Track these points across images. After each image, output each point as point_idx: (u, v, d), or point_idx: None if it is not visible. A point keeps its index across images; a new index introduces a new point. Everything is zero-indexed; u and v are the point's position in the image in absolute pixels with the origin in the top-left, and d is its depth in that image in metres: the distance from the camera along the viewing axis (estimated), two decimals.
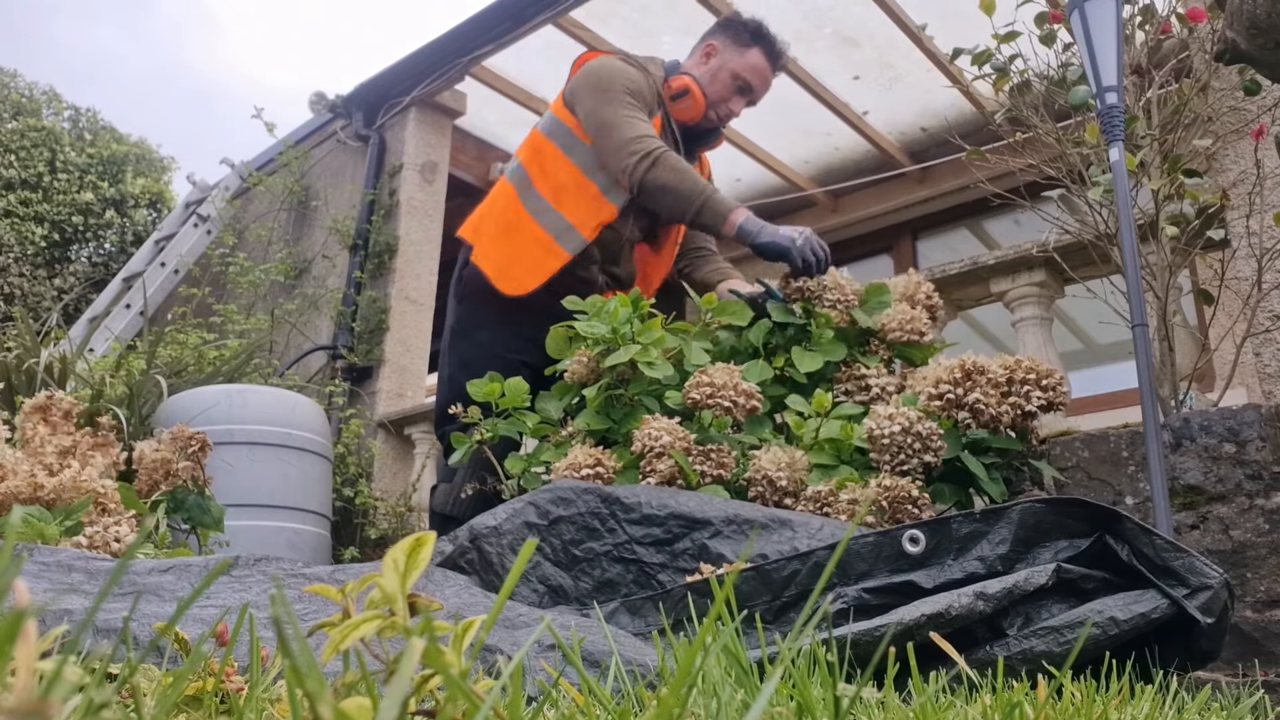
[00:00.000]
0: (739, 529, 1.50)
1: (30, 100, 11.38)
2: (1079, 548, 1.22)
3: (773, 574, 1.37)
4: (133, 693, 0.42)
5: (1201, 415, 1.96)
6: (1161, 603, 1.07)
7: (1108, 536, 1.18)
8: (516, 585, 0.91)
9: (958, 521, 1.31)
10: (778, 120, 5.48)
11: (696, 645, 0.31)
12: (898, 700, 0.59)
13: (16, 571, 0.25)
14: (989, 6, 2.98)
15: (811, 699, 0.43)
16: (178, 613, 0.33)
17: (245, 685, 0.48)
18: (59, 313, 6.71)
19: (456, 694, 0.31)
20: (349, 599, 0.46)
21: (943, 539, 1.31)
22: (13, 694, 0.21)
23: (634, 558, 1.47)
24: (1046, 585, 1.07)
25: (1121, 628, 1.04)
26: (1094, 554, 1.20)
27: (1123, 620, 1.04)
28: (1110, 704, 0.66)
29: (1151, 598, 1.08)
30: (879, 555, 1.32)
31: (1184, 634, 1.08)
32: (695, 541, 1.50)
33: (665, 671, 0.56)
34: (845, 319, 2.32)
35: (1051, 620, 1.05)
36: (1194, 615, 1.06)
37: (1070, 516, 1.25)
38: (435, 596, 1.14)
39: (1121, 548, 1.16)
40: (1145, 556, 1.12)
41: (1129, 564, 1.13)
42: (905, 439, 1.88)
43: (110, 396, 3.62)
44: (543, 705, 0.52)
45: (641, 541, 1.52)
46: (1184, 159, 2.73)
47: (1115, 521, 1.17)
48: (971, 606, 1.02)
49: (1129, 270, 1.97)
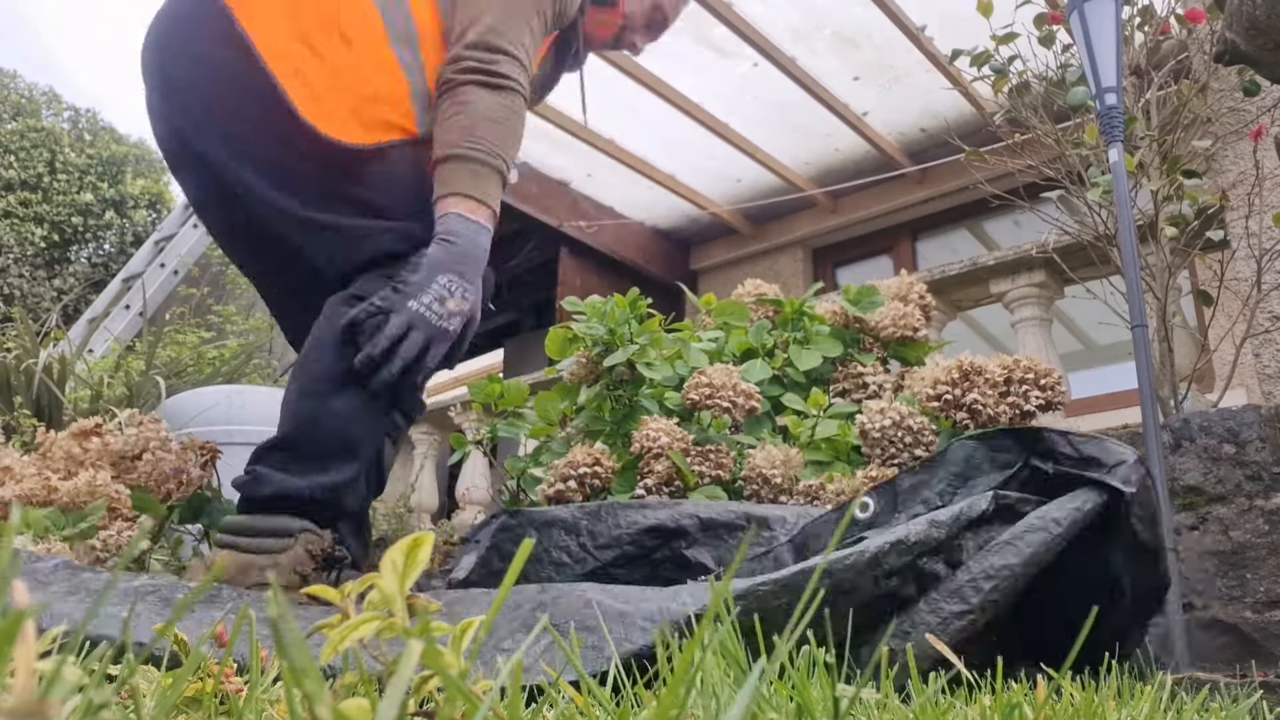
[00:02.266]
0: (716, 535, 1.51)
1: (30, 101, 11.37)
2: (1010, 476, 1.30)
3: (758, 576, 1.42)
4: (132, 693, 0.42)
5: (1201, 416, 1.96)
6: (1091, 495, 1.15)
7: (1034, 459, 1.26)
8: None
9: (901, 477, 1.39)
10: (778, 120, 5.48)
11: (693, 644, 0.31)
12: (897, 700, 0.59)
13: (16, 571, 0.25)
14: (986, 8, 2.99)
15: (811, 699, 0.43)
16: (176, 614, 0.33)
17: (244, 686, 0.48)
18: (58, 313, 6.71)
19: (455, 695, 0.31)
20: (348, 600, 0.46)
21: (889, 499, 1.39)
22: (12, 694, 0.21)
23: (611, 580, 1.47)
24: (988, 510, 1.14)
25: (1063, 525, 1.11)
26: (1025, 479, 1.28)
27: (1061, 518, 1.12)
28: (1109, 703, 0.66)
29: (1082, 494, 1.16)
30: (837, 527, 1.36)
31: (1118, 523, 1.16)
32: (674, 550, 1.52)
33: (664, 671, 0.56)
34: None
35: (1001, 536, 1.12)
36: (1117, 488, 1.14)
37: (999, 450, 1.33)
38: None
39: (1048, 465, 1.24)
40: (1068, 457, 1.22)
41: (1058, 476, 1.22)
42: (896, 433, 1.88)
43: (109, 397, 3.62)
44: (542, 705, 0.52)
45: (616, 564, 1.53)
46: (1183, 160, 2.73)
47: (1036, 440, 1.26)
48: (926, 533, 1.08)
49: (1128, 271, 1.97)
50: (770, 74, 5.02)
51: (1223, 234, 2.84)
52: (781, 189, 6.09)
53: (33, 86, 11.34)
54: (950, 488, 1.34)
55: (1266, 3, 1.48)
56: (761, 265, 6.60)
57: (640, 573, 1.50)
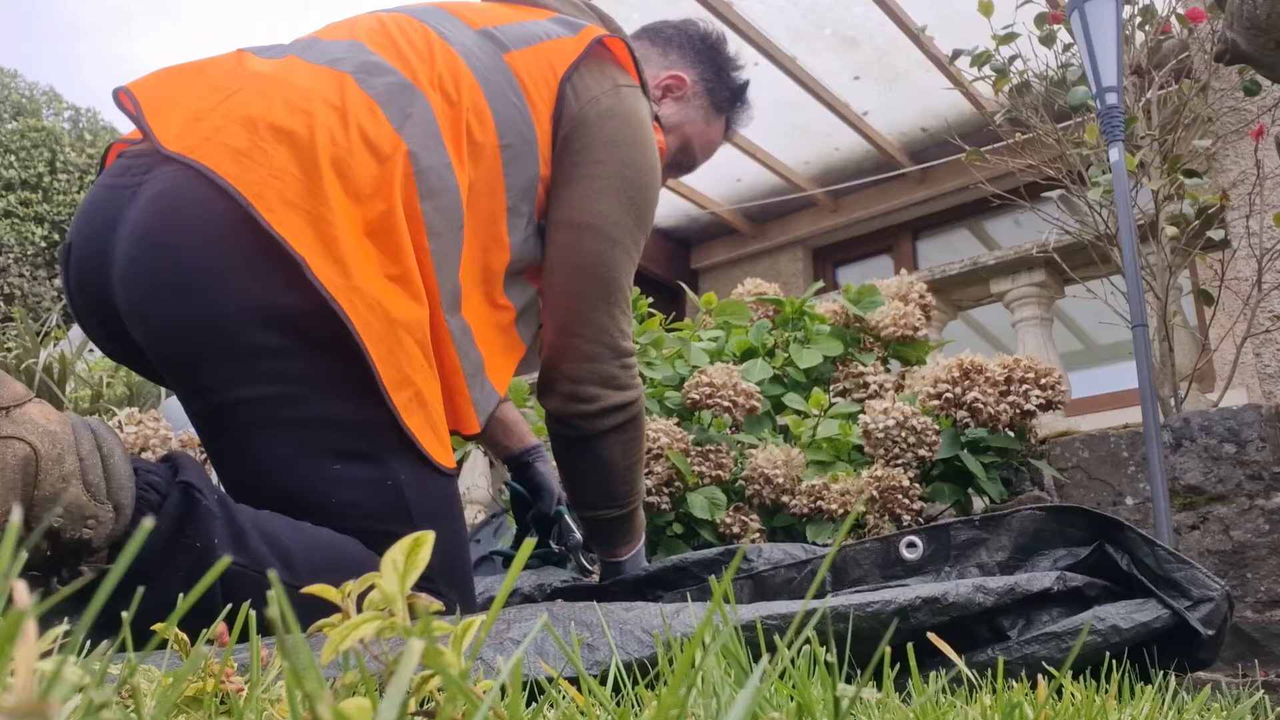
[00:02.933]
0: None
1: (30, 101, 11.38)
2: (1078, 556, 1.22)
3: (767, 580, 1.37)
4: (133, 693, 0.42)
5: (1201, 415, 1.96)
6: (1163, 613, 1.07)
7: (1107, 545, 1.18)
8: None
9: (956, 528, 1.30)
10: (778, 120, 5.47)
11: (694, 643, 0.31)
12: (898, 700, 0.59)
13: (16, 570, 0.25)
14: (987, 8, 2.99)
15: (811, 699, 0.43)
16: (177, 612, 0.33)
17: (245, 686, 0.48)
18: (59, 313, 6.71)
19: (456, 694, 0.31)
20: (348, 600, 0.46)
21: (940, 546, 1.30)
22: (12, 694, 0.21)
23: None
24: (1051, 590, 1.07)
25: (1123, 636, 1.04)
26: (1093, 562, 1.19)
27: (1125, 629, 1.04)
28: (1109, 703, 0.66)
29: (1153, 607, 1.07)
30: (874, 561, 1.32)
31: (1182, 641, 1.09)
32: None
33: (665, 671, 0.56)
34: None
35: (1053, 626, 1.05)
36: (1195, 628, 1.06)
37: (1070, 525, 1.24)
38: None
39: (1121, 557, 1.15)
40: (1146, 566, 1.12)
41: (1129, 573, 1.13)
42: (900, 433, 1.88)
43: (110, 397, 3.62)
44: (543, 705, 0.52)
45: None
46: (1184, 159, 2.73)
47: (1116, 530, 1.17)
48: (970, 597, 1.01)
49: (1129, 270, 1.97)
50: (770, 73, 5.01)
51: (1223, 233, 2.84)
52: (782, 188, 6.09)
53: (34, 86, 11.34)
54: (1012, 559, 1.25)
55: (1267, 2, 1.48)
56: (762, 265, 6.60)
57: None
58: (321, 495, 1.13)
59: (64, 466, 0.93)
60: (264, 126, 1.14)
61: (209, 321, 1.11)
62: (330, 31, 1.35)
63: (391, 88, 1.21)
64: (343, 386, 1.14)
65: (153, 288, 1.12)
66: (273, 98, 1.17)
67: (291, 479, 1.13)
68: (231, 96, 1.18)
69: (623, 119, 1.37)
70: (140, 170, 1.16)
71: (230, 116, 1.15)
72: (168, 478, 1.02)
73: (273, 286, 1.10)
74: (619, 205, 1.35)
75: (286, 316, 1.11)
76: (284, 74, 1.21)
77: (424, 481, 1.18)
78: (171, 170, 1.13)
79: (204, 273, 1.11)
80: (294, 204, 1.10)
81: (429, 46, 1.29)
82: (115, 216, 1.16)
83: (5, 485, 0.89)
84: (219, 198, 1.10)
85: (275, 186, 1.10)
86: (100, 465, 0.96)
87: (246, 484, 1.15)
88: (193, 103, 1.18)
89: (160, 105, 1.19)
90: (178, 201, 1.12)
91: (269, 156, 1.11)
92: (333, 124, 1.15)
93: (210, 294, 1.10)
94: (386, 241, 1.15)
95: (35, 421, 0.93)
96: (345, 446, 1.14)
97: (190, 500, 1.00)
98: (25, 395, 0.96)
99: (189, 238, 1.11)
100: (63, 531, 0.93)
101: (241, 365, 1.12)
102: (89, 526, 0.94)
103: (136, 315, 1.15)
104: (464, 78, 1.27)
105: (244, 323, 1.10)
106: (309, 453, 1.13)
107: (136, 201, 1.14)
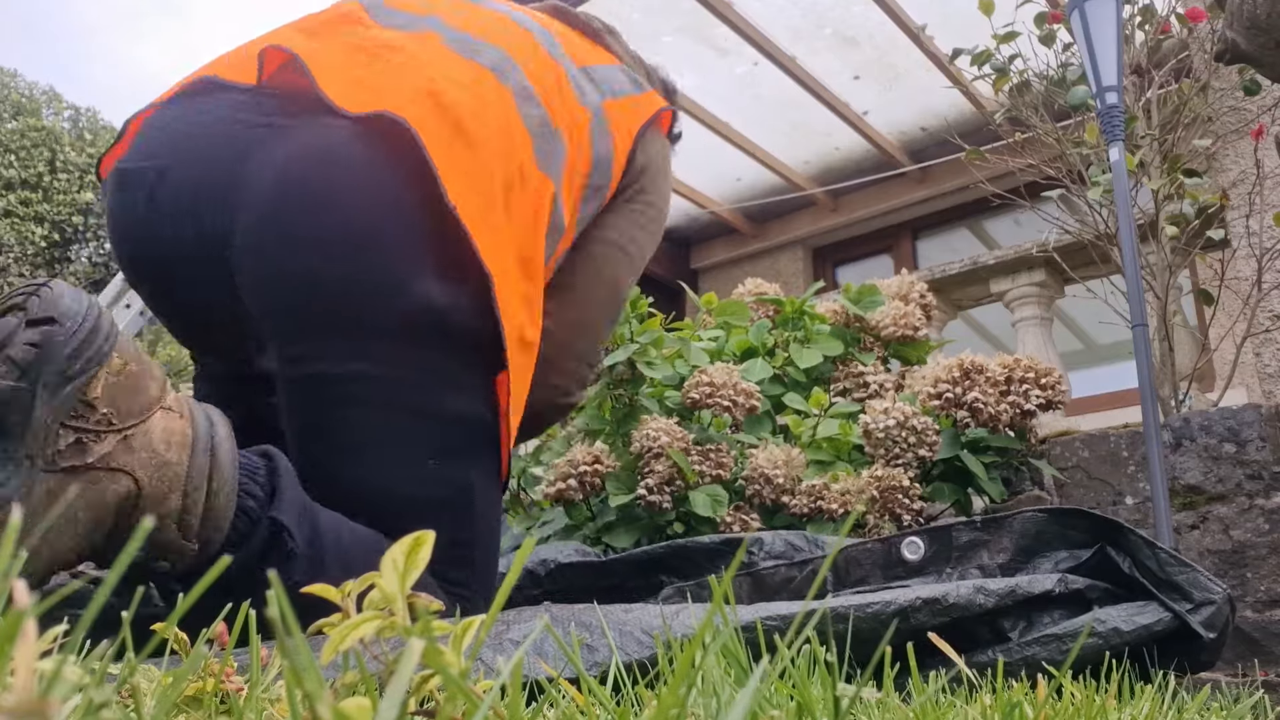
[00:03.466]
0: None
1: (30, 100, 11.38)
2: (1079, 558, 1.22)
3: (767, 578, 1.37)
4: (133, 693, 0.42)
5: (1201, 415, 1.96)
6: (1164, 616, 1.07)
7: (1109, 548, 1.18)
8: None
9: (958, 529, 1.30)
10: (778, 120, 5.48)
11: (694, 642, 0.31)
12: (898, 700, 0.59)
13: (16, 570, 0.25)
14: (987, 7, 2.99)
15: (811, 699, 0.43)
16: (177, 612, 0.33)
17: (245, 686, 0.48)
18: None
19: (456, 694, 0.31)
20: (349, 600, 0.46)
21: (941, 547, 1.30)
22: (12, 694, 0.21)
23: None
24: (1052, 592, 1.07)
25: (1124, 638, 1.04)
26: (1094, 564, 1.20)
27: (1126, 631, 1.04)
28: (1109, 702, 0.66)
29: (1154, 610, 1.07)
30: (875, 562, 1.32)
31: (1183, 643, 1.09)
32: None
33: (665, 671, 0.56)
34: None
35: (1054, 628, 1.05)
36: (1197, 630, 1.06)
37: (1072, 527, 1.24)
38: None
39: (1123, 559, 1.15)
40: (1148, 569, 1.12)
41: (1130, 575, 1.13)
42: (900, 433, 1.88)
43: None
44: (543, 705, 0.52)
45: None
46: (1184, 159, 2.73)
47: (1118, 533, 1.17)
48: (971, 599, 1.01)
49: (1129, 270, 1.97)
50: (770, 73, 5.02)
51: (1223, 233, 2.84)
52: (782, 188, 6.09)
53: (33, 85, 11.34)
54: (1013, 561, 1.26)
55: (1267, 2, 1.48)
56: (762, 264, 6.60)
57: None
58: (409, 486, 1.10)
59: (166, 506, 0.84)
60: (451, 124, 1.12)
61: (353, 288, 1.06)
62: (462, 19, 1.32)
63: (542, 125, 1.24)
64: (458, 382, 1.13)
65: (289, 235, 1.06)
66: (444, 94, 1.14)
67: (384, 465, 1.09)
68: (388, 64, 1.16)
69: (665, 176, 1.53)
70: (285, 113, 1.12)
71: (400, 87, 1.13)
72: (263, 500, 0.93)
73: (428, 272, 1.08)
74: (649, 242, 1.48)
75: (432, 305, 1.08)
76: (444, 62, 1.20)
77: (490, 491, 1.18)
78: (349, 127, 1.09)
79: (356, 235, 1.06)
80: (478, 198, 1.10)
81: (559, 85, 1.32)
82: (246, 150, 1.10)
83: (94, 520, 0.81)
84: (408, 170, 1.07)
85: (463, 178, 1.09)
86: (202, 503, 0.86)
87: (330, 460, 1.09)
88: (342, 64, 1.15)
89: (325, 67, 1.14)
90: (360, 159, 1.08)
91: (451, 146, 1.10)
92: (504, 146, 1.17)
93: (353, 259, 1.06)
94: (533, 270, 1.19)
95: (153, 446, 0.83)
96: (446, 444, 1.12)
97: (276, 539, 0.93)
98: (154, 403, 0.84)
99: (363, 198, 1.07)
100: (136, 562, 0.85)
101: (361, 340, 1.08)
102: (167, 559, 0.87)
103: (264, 262, 1.08)
104: (580, 121, 1.32)
105: (389, 298, 1.07)
106: (411, 443, 1.10)
107: (287, 142, 1.09)
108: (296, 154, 1.08)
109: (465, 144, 1.12)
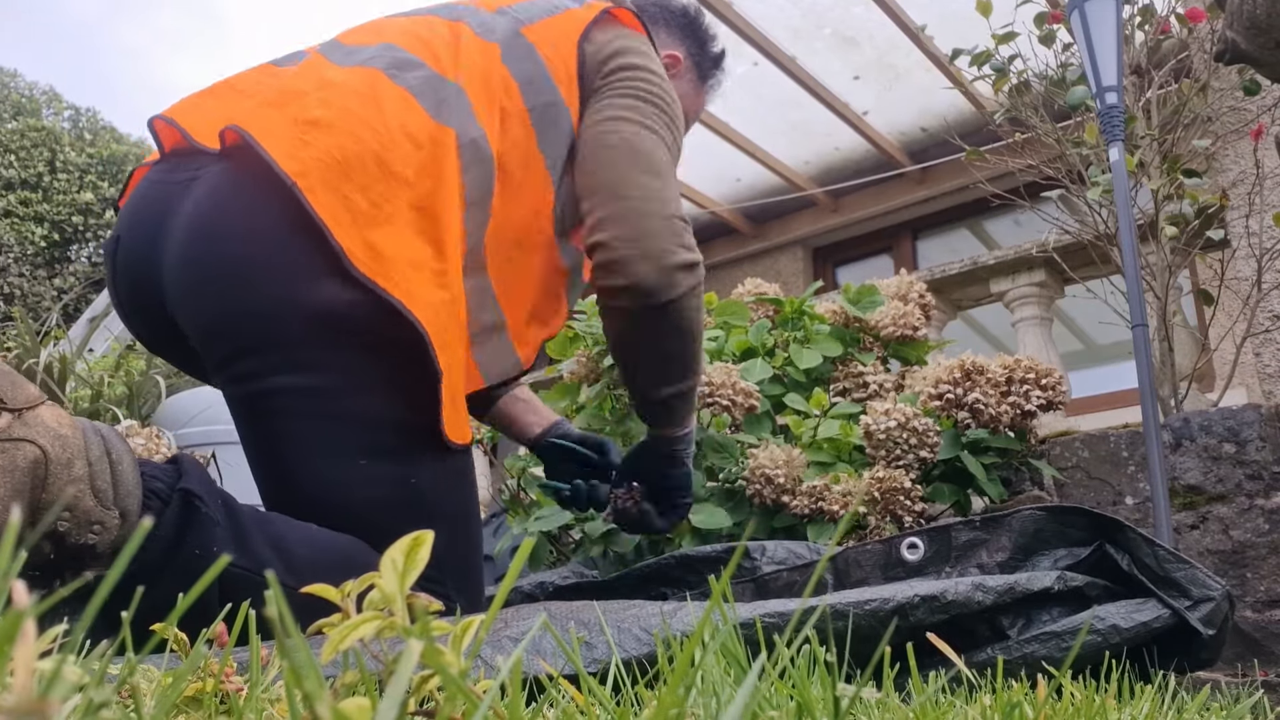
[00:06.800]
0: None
1: (30, 100, 11.38)
2: (1079, 556, 1.22)
3: (769, 583, 1.37)
4: (132, 693, 0.42)
5: (1201, 415, 1.96)
6: (1163, 613, 1.07)
7: (1108, 545, 1.18)
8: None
9: (957, 529, 1.30)
10: (778, 120, 5.47)
11: (694, 642, 0.31)
12: (897, 700, 0.59)
13: (16, 570, 0.25)
14: (986, 8, 2.99)
15: (810, 698, 0.43)
16: (177, 611, 0.33)
17: (244, 686, 0.48)
18: (59, 313, 6.71)
19: (455, 694, 0.31)
20: (348, 600, 0.46)
21: (941, 547, 1.31)
22: (12, 694, 0.21)
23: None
24: (1051, 589, 1.07)
25: (1123, 635, 1.04)
26: (1094, 562, 1.19)
27: (1125, 629, 1.04)
28: (1108, 702, 0.66)
29: (1153, 607, 1.08)
30: (876, 563, 1.32)
31: (1183, 641, 1.09)
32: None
33: (665, 670, 0.56)
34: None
35: (1053, 625, 1.05)
36: (1196, 627, 1.06)
37: (1071, 525, 1.24)
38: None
39: (1122, 557, 1.15)
40: (1147, 566, 1.12)
41: (1129, 572, 1.14)
42: (902, 434, 1.88)
43: (110, 397, 3.62)
44: (542, 704, 0.52)
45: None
46: (1184, 159, 2.73)
47: (1117, 530, 1.17)
48: (969, 595, 1.01)
49: (1129, 270, 1.97)
50: (770, 73, 5.01)
51: (1223, 233, 2.84)
52: (781, 188, 6.09)
53: (33, 85, 11.34)
54: (1012, 560, 1.26)
55: (1267, 2, 1.48)
56: (762, 264, 6.60)
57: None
58: (345, 489, 1.15)
59: (73, 471, 0.93)
60: (302, 121, 1.18)
61: (254, 310, 1.14)
62: (354, 36, 1.41)
63: (424, 80, 1.26)
64: (374, 379, 1.16)
65: (202, 277, 1.16)
66: (306, 95, 1.22)
67: (318, 470, 1.15)
68: (265, 98, 1.24)
69: (635, 52, 1.42)
70: (193, 166, 1.22)
71: (268, 114, 1.20)
72: (171, 484, 1.03)
73: (315, 276, 1.13)
74: (642, 103, 1.37)
75: (330, 308, 1.13)
76: (315, 73, 1.27)
77: (443, 481, 1.20)
78: (222, 166, 1.18)
79: (251, 261, 1.14)
80: (335, 190, 1.13)
81: (455, 37, 1.35)
82: (166, 209, 1.21)
83: (13, 487, 0.90)
84: (267, 186, 1.14)
85: (317, 172, 1.14)
86: (109, 471, 0.96)
87: (274, 473, 1.18)
88: (227, 109, 1.24)
89: (196, 121, 1.24)
90: (229, 192, 1.17)
91: (308, 146, 1.15)
92: (370, 116, 1.20)
93: (256, 283, 1.14)
94: (430, 221, 1.18)
95: (47, 425, 0.93)
96: (374, 443, 1.16)
97: (190, 508, 1.02)
98: (38, 398, 0.96)
99: (238, 228, 1.16)
100: (68, 535, 0.94)
101: (282, 354, 1.15)
102: (94, 532, 0.95)
103: (186, 304, 1.19)
104: (489, 53, 1.34)
105: (286, 312, 1.13)
106: (338, 446, 1.15)
107: (191, 194, 1.19)
108: (197, 200, 1.19)
109: (318, 130, 1.17)
